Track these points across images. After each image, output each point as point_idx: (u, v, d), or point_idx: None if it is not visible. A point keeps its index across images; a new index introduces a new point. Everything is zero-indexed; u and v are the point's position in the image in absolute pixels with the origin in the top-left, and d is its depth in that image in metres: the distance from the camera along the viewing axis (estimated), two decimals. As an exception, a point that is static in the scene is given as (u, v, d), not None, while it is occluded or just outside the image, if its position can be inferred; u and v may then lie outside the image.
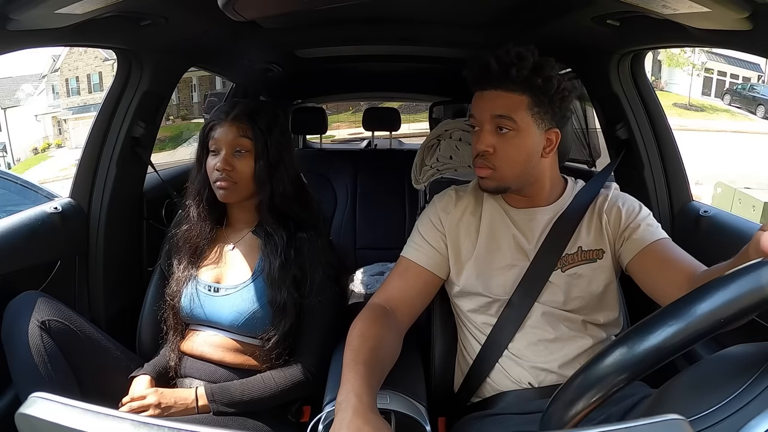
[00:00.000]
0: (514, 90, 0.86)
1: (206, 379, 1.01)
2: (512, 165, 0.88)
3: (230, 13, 0.91)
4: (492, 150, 0.88)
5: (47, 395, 0.35)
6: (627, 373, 0.40)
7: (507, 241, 0.93)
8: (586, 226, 0.92)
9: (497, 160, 0.88)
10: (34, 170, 13.42)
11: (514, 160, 0.88)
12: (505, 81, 0.85)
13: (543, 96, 0.86)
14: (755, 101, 13.93)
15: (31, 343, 0.91)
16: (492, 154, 0.88)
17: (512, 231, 0.93)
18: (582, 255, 0.90)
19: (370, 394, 0.66)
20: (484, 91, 0.88)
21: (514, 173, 0.89)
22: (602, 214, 0.92)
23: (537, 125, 0.88)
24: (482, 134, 0.88)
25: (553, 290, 0.90)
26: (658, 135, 1.27)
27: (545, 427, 0.44)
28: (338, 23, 1.33)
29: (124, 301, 1.33)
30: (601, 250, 0.91)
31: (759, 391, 0.39)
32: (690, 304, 0.41)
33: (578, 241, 0.91)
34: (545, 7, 1.08)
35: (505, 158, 0.88)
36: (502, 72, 0.85)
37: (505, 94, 0.86)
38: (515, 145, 0.87)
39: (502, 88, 0.86)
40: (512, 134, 0.87)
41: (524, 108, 0.86)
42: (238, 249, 1.07)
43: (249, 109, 1.03)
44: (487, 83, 0.88)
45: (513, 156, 0.88)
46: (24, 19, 0.78)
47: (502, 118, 0.86)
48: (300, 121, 2.58)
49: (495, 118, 0.87)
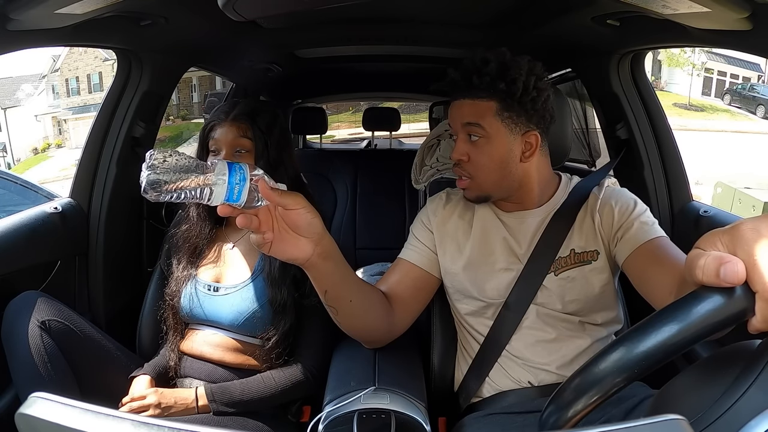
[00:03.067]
0: (481, 97, 0.86)
1: (206, 379, 1.01)
2: (487, 172, 0.88)
3: (230, 13, 0.91)
4: (466, 158, 0.89)
5: (47, 395, 0.35)
6: (626, 374, 0.40)
7: (499, 244, 0.92)
8: (579, 228, 0.90)
9: (471, 168, 0.89)
10: (34, 170, 13.42)
11: (487, 167, 0.88)
12: (470, 89, 0.86)
13: (510, 100, 0.85)
14: (755, 101, 13.93)
15: (31, 343, 0.91)
16: (466, 162, 0.89)
17: (504, 234, 0.93)
18: (575, 258, 0.89)
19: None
20: (455, 101, 0.90)
21: (491, 180, 0.89)
22: (595, 214, 0.89)
23: (510, 130, 0.87)
24: (457, 143, 0.90)
25: (548, 294, 0.89)
26: (658, 135, 1.26)
27: (543, 428, 0.44)
28: (338, 23, 1.33)
29: (124, 301, 1.33)
30: (596, 251, 0.89)
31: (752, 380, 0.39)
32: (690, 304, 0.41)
33: (571, 244, 0.89)
34: (545, 7, 1.08)
35: (479, 166, 0.88)
36: (464, 81, 0.86)
37: (471, 102, 0.87)
38: (486, 152, 0.87)
39: (469, 96, 0.87)
40: (482, 141, 0.87)
41: (491, 114, 0.86)
42: (237, 248, 1.07)
43: (249, 109, 1.03)
44: (455, 93, 0.89)
45: (485, 163, 0.88)
46: (24, 19, 0.78)
47: (470, 125, 0.87)
48: (300, 121, 2.58)
49: (465, 126, 0.88)
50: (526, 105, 0.86)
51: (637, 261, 0.83)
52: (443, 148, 1.24)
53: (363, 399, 0.79)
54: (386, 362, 0.92)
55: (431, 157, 1.26)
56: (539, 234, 0.91)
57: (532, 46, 1.31)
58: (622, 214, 0.88)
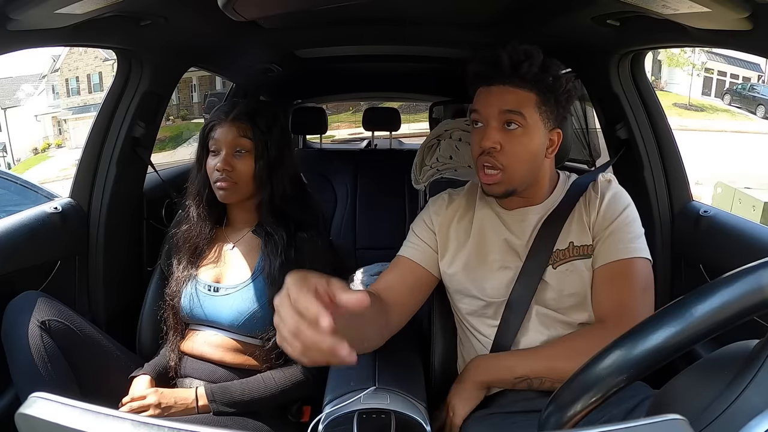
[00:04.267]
0: (523, 87, 0.85)
1: (206, 379, 1.01)
2: (519, 164, 0.86)
3: (230, 13, 0.91)
4: (499, 147, 0.85)
5: (47, 395, 0.35)
6: (625, 374, 0.40)
7: (498, 244, 0.92)
8: (577, 221, 0.90)
9: (504, 158, 0.85)
10: (34, 170, 13.41)
11: (520, 159, 0.86)
12: (514, 77, 0.84)
13: (550, 95, 0.86)
14: (755, 101, 13.91)
15: (31, 343, 0.91)
16: (498, 151, 0.85)
17: (504, 234, 0.92)
18: (574, 250, 0.89)
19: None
20: (491, 86, 0.87)
21: (520, 173, 0.88)
22: (588, 209, 0.90)
23: (543, 124, 0.87)
24: (488, 131, 0.85)
25: (547, 288, 0.89)
26: (658, 135, 1.26)
27: (543, 428, 0.44)
28: (338, 23, 1.33)
29: (124, 301, 1.33)
30: (591, 246, 0.89)
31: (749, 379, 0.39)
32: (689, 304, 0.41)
33: (569, 236, 0.90)
34: (545, 6, 1.08)
35: (512, 156, 0.85)
36: (512, 67, 0.84)
37: (514, 90, 0.85)
38: (523, 142, 0.85)
39: (511, 83, 0.85)
40: (520, 131, 0.85)
41: (533, 105, 0.85)
42: (237, 249, 1.07)
43: (249, 109, 1.03)
44: (496, 78, 0.86)
45: (520, 154, 0.86)
46: (24, 19, 0.78)
47: (511, 113, 0.84)
48: (300, 121, 2.58)
49: (503, 114, 0.85)
50: (561, 102, 0.87)
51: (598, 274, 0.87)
52: (443, 148, 1.24)
53: (363, 399, 0.79)
54: (386, 362, 0.92)
55: (431, 157, 1.26)
56: (538, 229, 0.91)
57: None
58: (604, 219, 0.88)
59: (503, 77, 0.85)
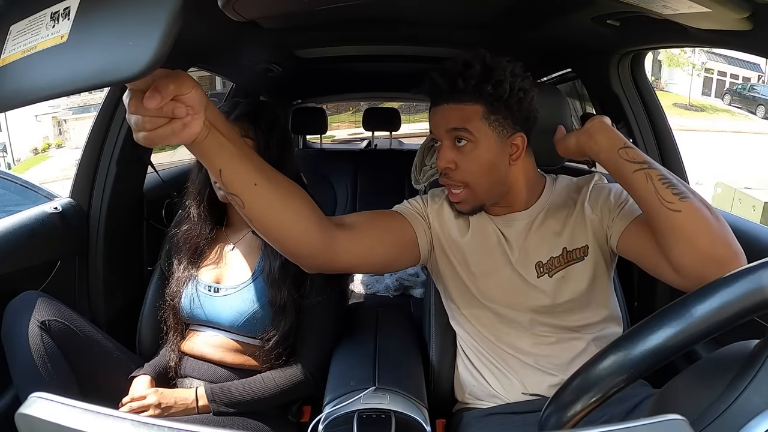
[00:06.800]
0: (466, 101, 0.82)
1: (206, 380, 1.01)
2: (477, 178, 0.85)
3: (230, 13, 0.91)
4: (453, 166, 0.85)
5: (47, 395, 0.35)
6: (625, 374, 0.40)
7: (493, 248, 0.91)
8: (569, 225, 0.88)
9: (460, 175, 0.85)
10: (34, 170, 13.41)
11: (477, 173, 0.85)
12: (454, 93, 0.83)
13: (497, 103, 0.82)
14: (755, 101, 13.92)
15: (31, 343, 0.91)
16: (454, 170, 0.85)
17: (497, 237, 0.91)
18: (567, 256, 0.88)
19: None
20: (437, 107, 0.86)
21: (484, 187, 0.86)
22: (584, 206, 0.88)
23: (497, 133, 0.84)
24: (442, 150, 0.85)
25: (542, 296, 0.88)
26: (658, 135, 1.27)
27: (543, 428, 0.44)
28: (338, 23, 1.33)
29: (124, 301, 1.33)
30: (586, 247, 0.88)
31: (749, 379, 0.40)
32: (689, 304, 0.41)
33: (562, 242, 0.88)
34: (545, 7, 1.08)
35: (468, 172, 0.85)
36: (449, 84, 0.82)
37: (456, 107, 0.83)
38: (476, 157, 0.84)
39: (453, 101, 0.83)
40: (470, 146, 0.83)
41: (478, 118, 0.83)
42: (238, 249, 1.07)
43: (250, 109, 1.02)
44: (438, 98, 0.85)
45: (475, 169, 0.85)
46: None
47: (456, 130, 0.83)
48: (300, 121, 2.58)
49: (450, 132, 0.84)
50: (512, 107, 0.83)
51: (632, 236, 0.81)
52: (443, 148, 1.24)
53: (363, 399, 0.79)
54: (386, 362, 0.92)
55: (431, 157, 1.25)
56: (529, 236, 0.90)
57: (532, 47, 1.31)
58: (617, 198, 0.86)
59: (444, 95, 0.84)
